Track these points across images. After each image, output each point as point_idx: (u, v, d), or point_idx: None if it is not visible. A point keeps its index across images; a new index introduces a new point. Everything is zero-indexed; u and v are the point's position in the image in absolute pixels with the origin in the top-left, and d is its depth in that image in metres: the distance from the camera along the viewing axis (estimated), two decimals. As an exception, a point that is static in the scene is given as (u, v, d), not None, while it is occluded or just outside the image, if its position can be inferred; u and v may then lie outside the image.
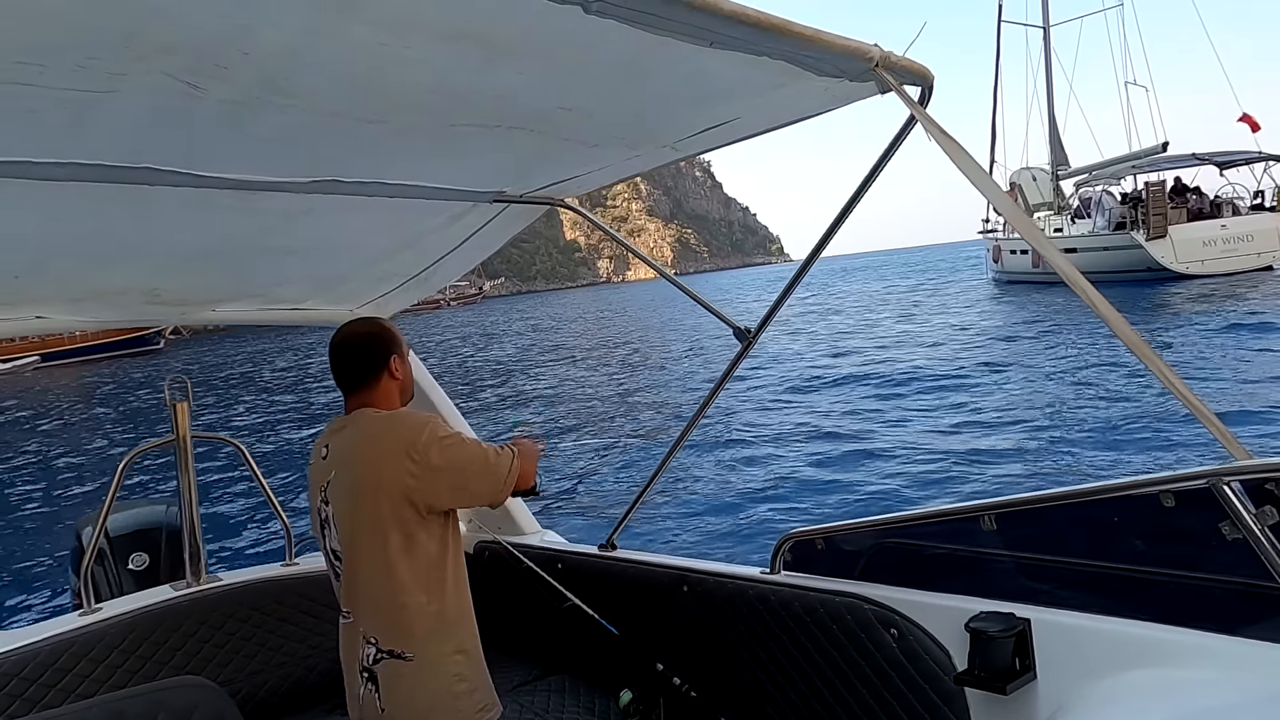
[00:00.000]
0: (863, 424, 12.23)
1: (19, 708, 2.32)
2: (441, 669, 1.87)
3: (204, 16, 1.09)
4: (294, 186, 1.89)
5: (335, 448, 1.93)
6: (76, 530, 3.81)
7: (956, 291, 36.63)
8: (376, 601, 1.87)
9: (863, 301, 37.91)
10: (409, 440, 1.80)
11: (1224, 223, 25.61)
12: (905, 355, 17.99)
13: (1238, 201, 26.45)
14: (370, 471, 1.82)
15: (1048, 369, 14.40)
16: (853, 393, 14.61)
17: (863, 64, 1.54)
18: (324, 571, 3.08)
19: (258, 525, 9.67)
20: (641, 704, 2.67)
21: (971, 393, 13.20)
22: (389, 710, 1.84)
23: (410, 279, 2.99)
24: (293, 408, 21.07)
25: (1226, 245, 25.11)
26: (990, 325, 21.43)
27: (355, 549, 1.87)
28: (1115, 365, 13.45)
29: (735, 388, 15.30)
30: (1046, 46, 33.88)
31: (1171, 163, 26.86)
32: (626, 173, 2.23)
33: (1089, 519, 1.81)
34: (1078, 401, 11.64)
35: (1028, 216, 1.68)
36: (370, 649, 1.87)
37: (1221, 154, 26.47)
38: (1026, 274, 31.67)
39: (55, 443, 18.94)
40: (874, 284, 52.87)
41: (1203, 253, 24.99)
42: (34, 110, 1.28)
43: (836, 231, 2.19)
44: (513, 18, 1.23)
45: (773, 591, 2.32)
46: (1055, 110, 33.58)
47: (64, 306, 2.65)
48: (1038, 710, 1.71)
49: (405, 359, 2.04)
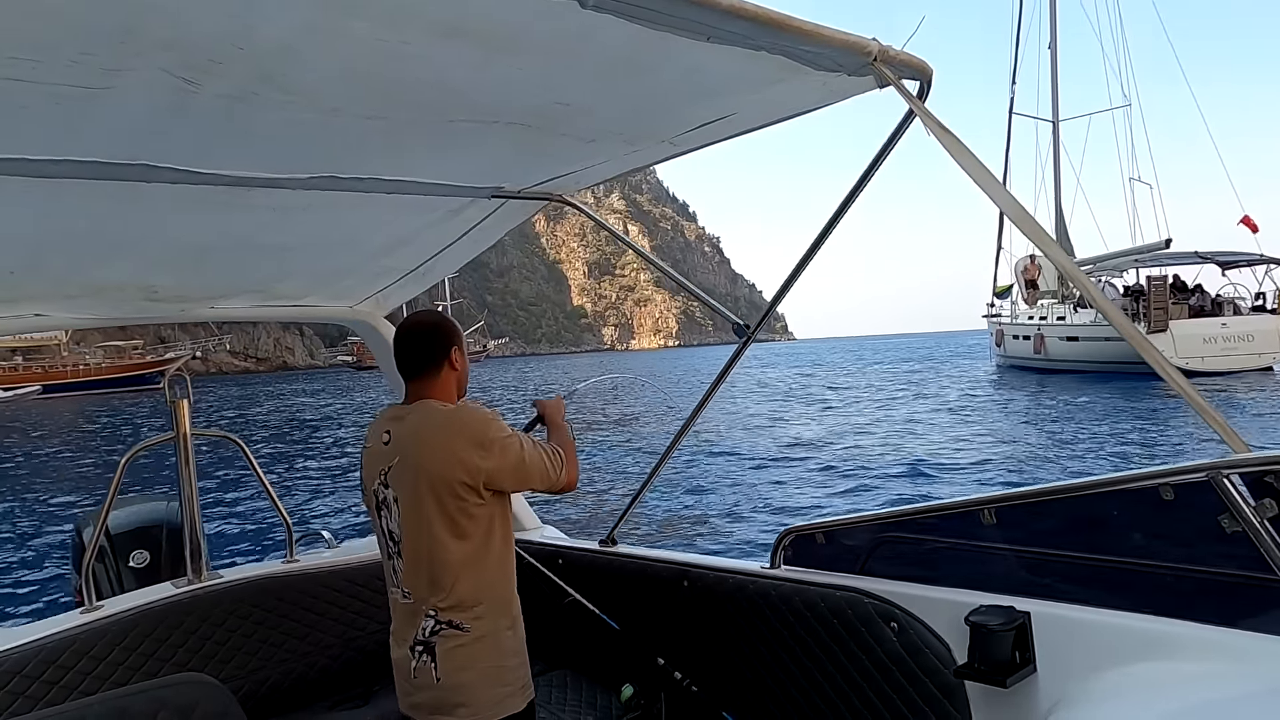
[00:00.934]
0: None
1: (21, 705, 2.33)
2: (496, 642, 1.98)
3: (200, 12, 1.09)
4: (291, 183, 1.88)
5: (399, 434, 2.02)
6: (77, 528, 3.81)
7: (958, 375, 36.34)
8: (437, 578, 1.96)
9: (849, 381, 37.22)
10: (479, 431, 1.92)
11: (1225, 321, 25.40)
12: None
13: (1239, 301, 26.33)
14: (437, 458, 1.91)
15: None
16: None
17: (861, 58, 1.53)
18: (324, 568, 3.10)
19: (258, 522, 9.68)
20: (643, 699, 2.68)
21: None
22: (444, 679, 1.94)
23: (408, 274, 2.99)
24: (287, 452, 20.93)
25: (1227, 343, 24.89)
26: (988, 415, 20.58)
27: (418, 530, 1.96)
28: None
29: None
30: (1055, 140, 34.19)
31: (1174, 259, 26.78)
32: (625, 168, 2.22)
33: (1089, 512, 1.81)
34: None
35: (1038, 224, 1.67)
36: (429, 621, 1.96)
37: (1224, 254, 26.32)
38: (1029, 359, 31.65)
39: (56, 448, 18.96)
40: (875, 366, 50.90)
41: (1203, 349, 24.72)
42: (28, 107, 1.27)
43: (835, 228, 2.18)
44: (510, 13, 1.22)
45: (773, 586, 2.33)
46: (1062, 201, 33.90)
47: (61, 304, 2.64)
48: (1038, 703, 1.71)
49: (464, 353, 2.12)
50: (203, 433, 3.15)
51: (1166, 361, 1.50)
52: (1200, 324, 25.40)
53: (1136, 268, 27.74)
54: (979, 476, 11.28)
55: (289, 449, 15.92)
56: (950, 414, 19.48)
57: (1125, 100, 33.83)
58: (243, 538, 9.19)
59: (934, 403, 23.08)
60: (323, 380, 53.01)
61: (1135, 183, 31.65)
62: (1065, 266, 1.60)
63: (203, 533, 2.95)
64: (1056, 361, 29.20)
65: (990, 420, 17.72)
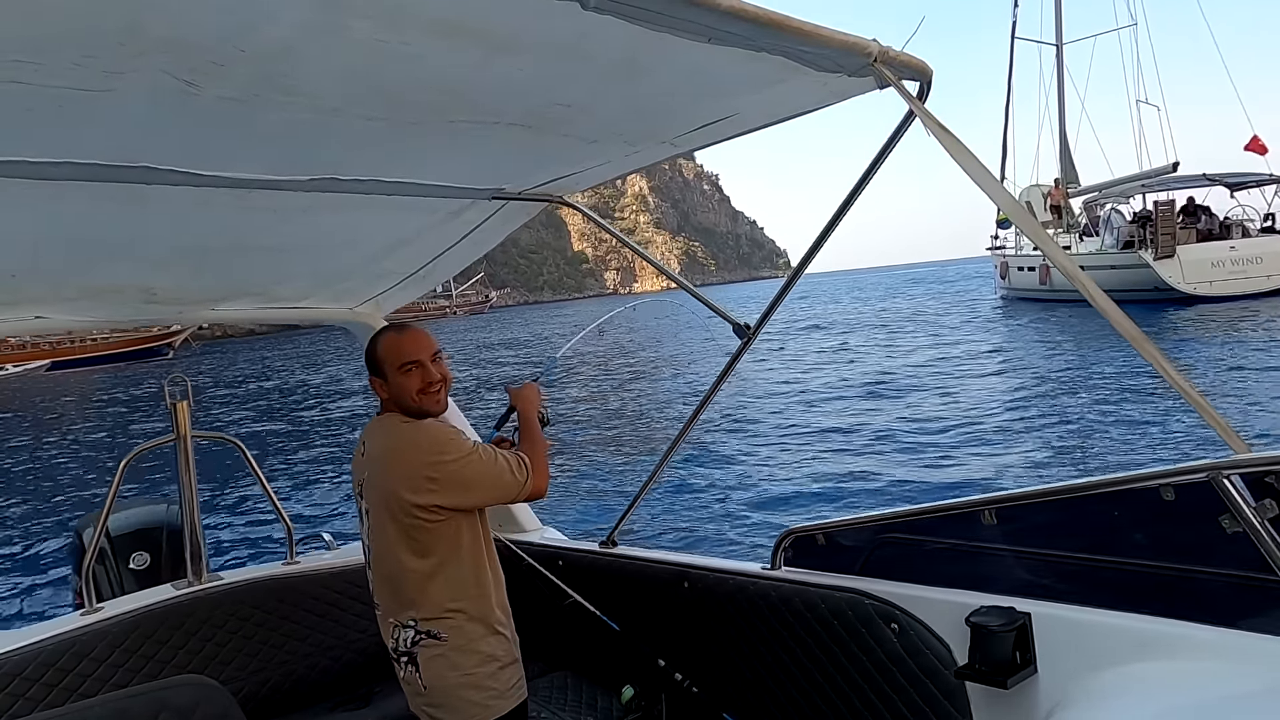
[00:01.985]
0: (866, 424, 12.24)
1: (21, 707, 2.33)
2: (474, 648, 2.00)
3: (201, 13, 1.09)
4: (292, 185, 1.88)
5: (370, 447, 2.06)
6: (77, 530, 3.81)
7: (962, 308, 36.19)
8: (399, 592, 1.99)
9: (854, 318, 37.36)
10: (432, 455, 1.92)
11: (1233, 244, 25.14)
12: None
13: (1248, 223, 26.03)
14: (392, 478, 1.94)
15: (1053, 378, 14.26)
16: (856, 401, 14.45)
17: (861, 59, 1.53)
18: (324, 569, 3.11)
19: (258, 524, 9.67)
20: (643, 700, 2.67)
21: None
22: (429, 686, 1.97)
23: (409, 276, 2.99)
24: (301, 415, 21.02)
25: (1235, 267, 24.62)
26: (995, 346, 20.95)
27: (383, 546, 2.00)
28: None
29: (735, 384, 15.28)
30: (1059, 64, 33.80)
31: (1181, 183, 26.51)
32: (625, 169, 2.22)
33: (1089, 513, 1.81)
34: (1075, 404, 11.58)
35: (1030, 215, 1.67)
36: (409, 632, 1.99)
37: (1232, 175, 26.05)
38: (1034, 290, 31.46)
39: (57, 443, 18.97)
40: (879, 302, 51.45)
41: (1211, 274, 24.51)
42: (30, 109, 1.27)
43: (835, 228, 2.19)
44: (511, 14, 1.22)
45: (773, 587, 2.32)
46: (1067, 128, 33.49)
47: (62, 306, 2.64)
48: (1038, 704, 1.71)
49: (392, 378, 2.04)
50: (203, 434, 3.15)
51: (1166, 362, 1.50)
52: (1208, 248, 25.06)
53: (1144, 193, 27.32)
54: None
55: (290, 450, 15.92)
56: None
57: (1131, 20, 33.32)
58: (243, 539, 9.18)
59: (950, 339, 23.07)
60: (331, 340, 53.15)
61: (1142, 105, 31.18)
62: (1063, 264, 1.60)
63: (203, 534, 2.95)
64: (1061, 291, 28.75)
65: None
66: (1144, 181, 27.37)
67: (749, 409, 14.21)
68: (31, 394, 35.11)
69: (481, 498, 2.00)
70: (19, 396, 34.13)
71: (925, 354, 19.80)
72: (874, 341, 24.21)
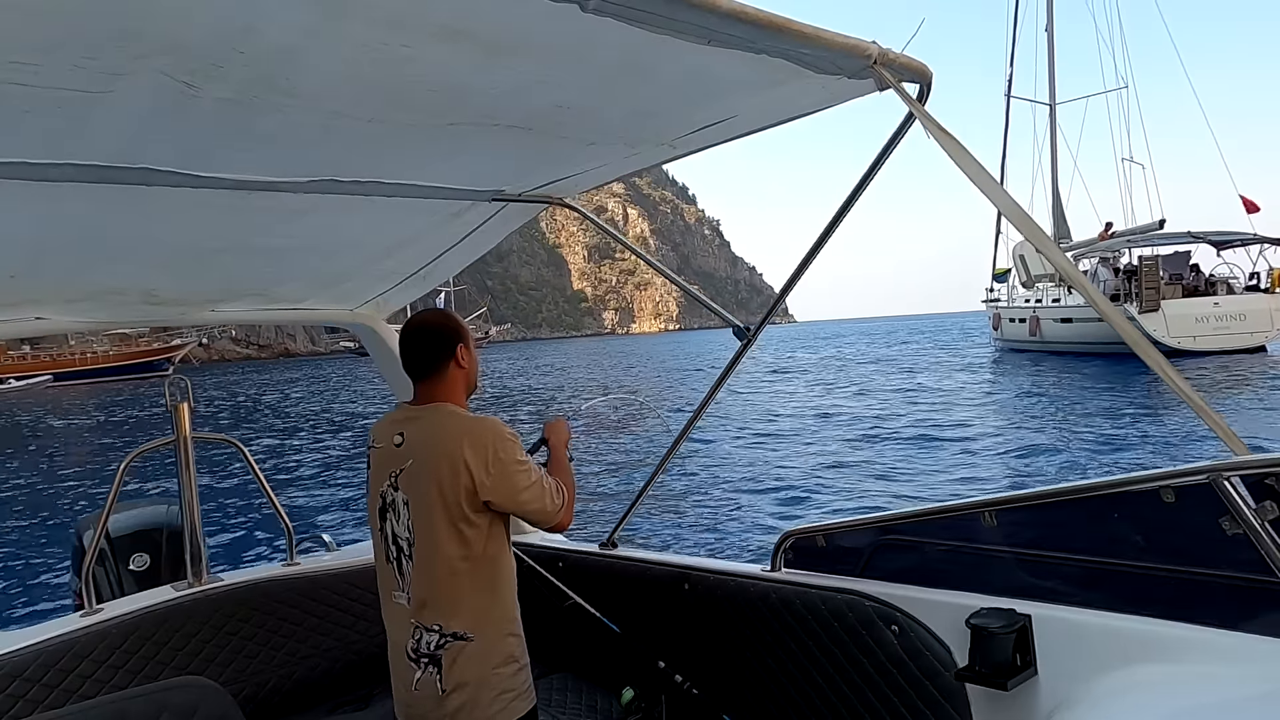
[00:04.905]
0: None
1: (21, 709, 2.32)
2: (499, 648, 1.98)
3: (201, 16, 1.09)
4: (292, 186, 1.89)
5: (413, 437, 2.00)
6: (77, 531, 3.81)
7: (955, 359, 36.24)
8: (443, 584, 1.95)
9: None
10: (493, 447, 1.91)
11: (1217, 300, 25.33)
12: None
13: (1233, 281, 26.22)
14: (449, 464, 1.90)
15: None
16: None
17: (861, 61, 1.53)
18: (324, 571, 3.10)
19: (258, 525, 9.67)
20: (643, 702, 2.67)
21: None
22: (449, 689, 1.93)
23: (409, 277, 2.99)
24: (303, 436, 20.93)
25: (1219, 323, 24.79)
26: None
27: (428, 535, 1.95)
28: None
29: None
30: (1052, 123, 34.33)
31: (1167, 239, 26.77)
32: (625, 170, 2.22)
33: (1090, 515, 1.81)
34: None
35: (1035, 223, 1.67)
36: (433, 635, 1.95)
37: (1218, 234, 26.22)
38: (1024, 342, 31.69)
39: (59, 445, 18.96)
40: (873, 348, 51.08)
41: (1195, 329, 24.67)
42: (30, 111, 1.27)
43: (835, 228, 2.19)
44: (510, 16, 1.22)
45: (774, 589, 2.32)
46: (1059, 184, 33.96)
47: (62, 307, 2.64)
48: (1039, 706, 1.71)
49: (471, 350, 2.11)
50: (203, 436, 3.15)
51: (1167, 365, 1.50)
52: (1192, 303, 25.35)
53: (1129, 248, 27.71)
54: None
55: (289, 447, 15.93)
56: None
57: (1121, 83, 34.18)
58: (243, 541, 9.18)
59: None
60: (329, 367, 53.46)
61: (1129, 163, 31.74)
62: (1062, 266, 1.60)
63: (203, 536, 2.95)
64: (1051, 344, 29.18)
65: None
66: (1130, 238, 27.68)
67: (749, 414, 14.20)
68: (34, 406, 35.14)
69: (520, 506, 1.97)
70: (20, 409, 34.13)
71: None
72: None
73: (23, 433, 24.75)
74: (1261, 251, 26.00)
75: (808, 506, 8.73)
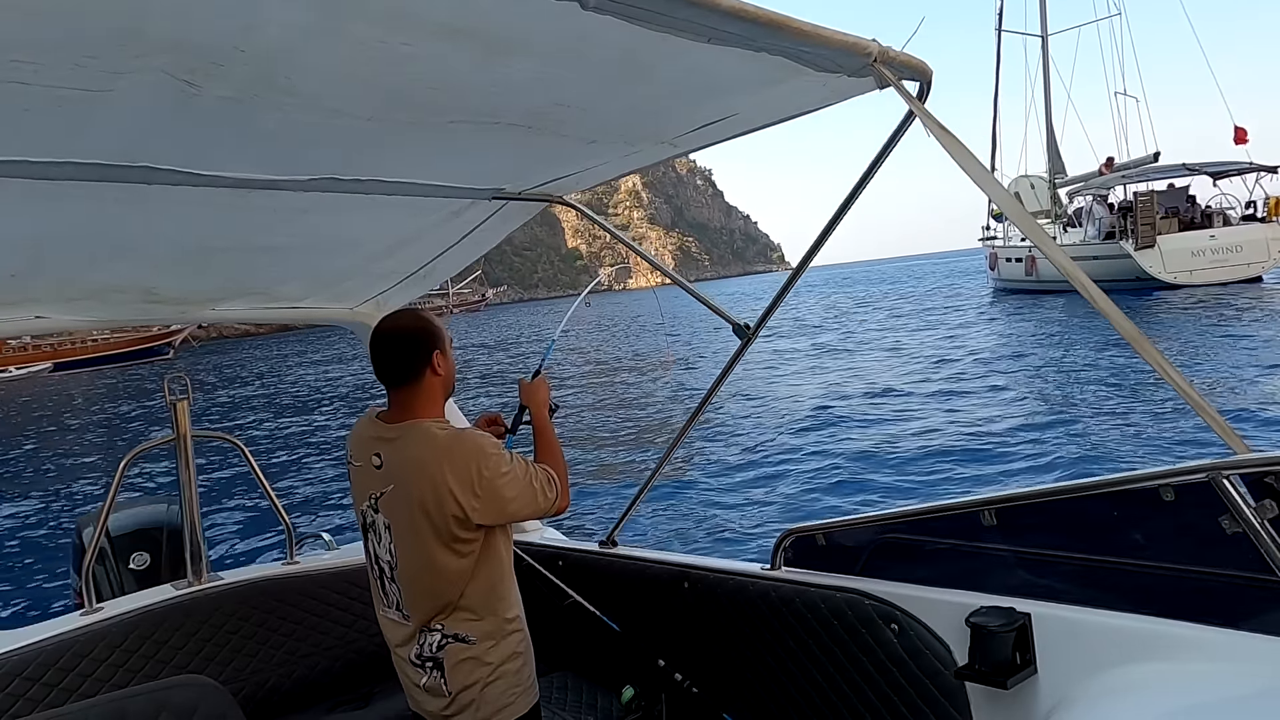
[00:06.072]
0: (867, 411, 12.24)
1: (21, 707, 2.33)
2: (501, 647, 1.98)
3: (201, 14, 1.09)
4: (292, 185, 1.89)
5: (392, 460, 1.92)
6: (77, 529, 3.81)
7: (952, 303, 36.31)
8: (439, 596, 1.93)
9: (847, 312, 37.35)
10: (474, 467, 1.84)
11: (1213, 233, 25.35)
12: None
13: (1229, 212, 26.17)
14: (433, 492, 1.84)
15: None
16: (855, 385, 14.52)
17: (861, 59, 1.54)
18: (325, 569, 3.10)
19: (258, 524, 9.67)
20: (643, 700, 2.67)
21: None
22: (455, 690, 1.93)
23: (409, 276, 2.99)
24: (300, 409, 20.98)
25: (1215, 256, 24.86)
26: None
27: (415, 557, 1.92)
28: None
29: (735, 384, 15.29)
30: (1044, 55, 34.00)
31: (1162, 173, 26.70)
32: (625, 169, 2.23)
33: (1089, 513, 1.81)
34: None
35: (1027, 212, 1.67)
36: (434, 636, 1.94)
37: (1213, 164, 26.15)
38: (1021, 281, 31.67)
39: (59, 442, 18.97)
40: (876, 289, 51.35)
41: (1191, 263, 24.74)
42: (30, 109, 1.28)
43: (835, 228, 2.19)
44: (511, 14, 1.22)
45: (773, 587, 2.32)
46: (1053, 119, 33.70)
47: (63, 306, 2.65)
48: (1039, 704, 1.71)
49: (447, 354, 2.02)
50: (203, 434, 3.15)
51: (1165, 361, 1.50)
52: (1188, 237, 25.37)
53: (1124, 184, 27.57)
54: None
55: (289, 446, 15.92)
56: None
57: (1113, 10, 33.62)
58: (243, 539, 9.18)
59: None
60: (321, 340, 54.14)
61: (1122, 96, 31.46)
62: (1058, 260, 1.59)
63: (203, 534, 2.95)
64: (1047, 283, 29.08)
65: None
66: (1124, 172, 27.53)
67: (748, 410, 14.22)
68: (36, 394, 35.25)
69: (514, 513, 1.94)
70: (20, 398, 34.26)
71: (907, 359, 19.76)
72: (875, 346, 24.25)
73: (24, 422, 24.81)
74: (1258, 180, 25.97)
75: (808, 505, 8.73)
